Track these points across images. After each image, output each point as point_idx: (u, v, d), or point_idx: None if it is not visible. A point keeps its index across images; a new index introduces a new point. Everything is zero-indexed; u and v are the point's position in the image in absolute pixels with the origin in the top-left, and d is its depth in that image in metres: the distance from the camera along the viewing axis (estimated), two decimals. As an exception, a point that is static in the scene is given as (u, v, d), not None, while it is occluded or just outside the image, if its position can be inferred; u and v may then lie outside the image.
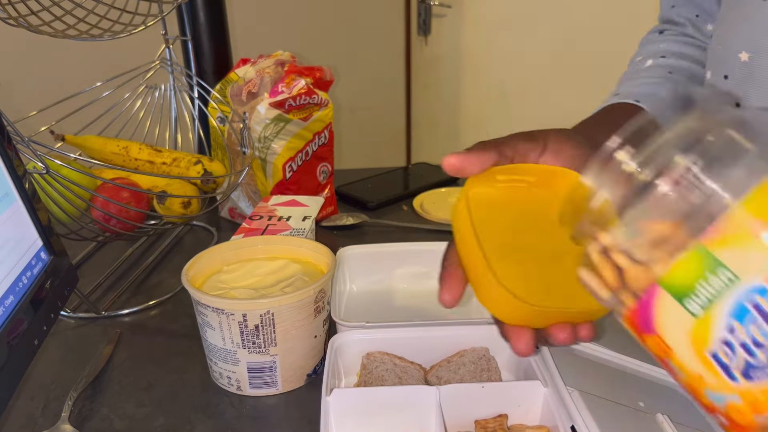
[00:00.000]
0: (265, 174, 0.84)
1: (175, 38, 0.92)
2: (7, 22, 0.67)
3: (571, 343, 0.35)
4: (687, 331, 0.27)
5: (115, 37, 0.78)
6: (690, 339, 0.27)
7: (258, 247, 0.62)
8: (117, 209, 0.71)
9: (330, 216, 0.90)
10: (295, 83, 0.81)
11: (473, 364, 0.53)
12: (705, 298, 0.26)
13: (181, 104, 0.94)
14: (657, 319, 0.28)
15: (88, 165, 0.80)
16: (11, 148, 0.48)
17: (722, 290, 0.25)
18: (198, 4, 0.99)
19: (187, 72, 0.92)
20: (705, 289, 0.26)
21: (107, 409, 0.54)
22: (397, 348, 0.53)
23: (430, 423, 0.46)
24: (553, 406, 0.44)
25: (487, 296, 0.35)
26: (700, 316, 0.26)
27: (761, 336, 0.24)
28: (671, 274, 0.27)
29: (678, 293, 0.26)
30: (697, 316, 0.26)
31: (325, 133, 0.86)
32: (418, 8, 2.24)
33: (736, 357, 0.25)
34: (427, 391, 0.46)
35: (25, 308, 0.44)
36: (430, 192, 0.99)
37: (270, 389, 0.55)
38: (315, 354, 0.56)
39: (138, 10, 0.81)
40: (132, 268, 0.79)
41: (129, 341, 0.64)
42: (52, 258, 0.51)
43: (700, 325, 0.26)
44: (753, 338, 0.25)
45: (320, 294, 0.54)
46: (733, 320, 0.25)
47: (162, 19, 0.84)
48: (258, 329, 0.51)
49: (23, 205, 0.48)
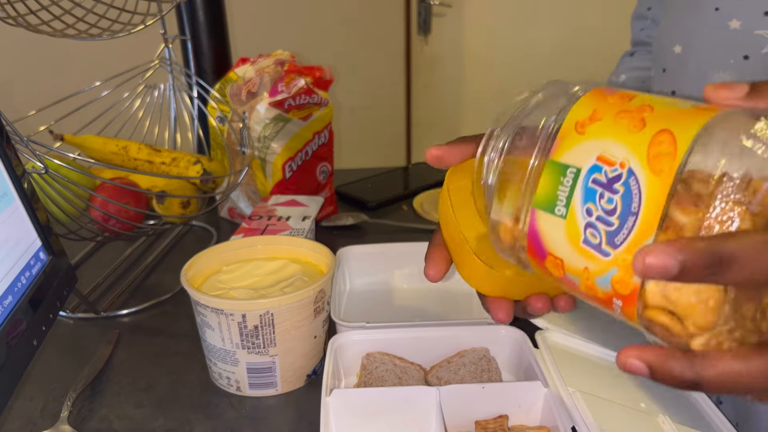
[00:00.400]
0: (264, 174, 0.84)
1: (174, 38, 0.91)
2: (6, 21, 0.67)
3: (547, 311, 0.39)
4: (563, 235, 0.30)
5: (114, 36, 0.78)
6: (567, 239, 0.30)
7: (257, 248, 0.62)
8: (116, 209, 0.71)
9: (330, 216, 0.90)
10: (295, 83, 0.80)
11: (473, 364, 0.52)
12: (564, 197, 0.30)
13: (181, 104, 0.93)
14: (543, 238, 0.31)
15: (87, 165, 0.80)
16: (10, 148, 0.48)
17: (572, 184, 0.30)
18: (197, 4, 0.98)
19: (186, 71, 0.92)
20: (562, 192, 0.30)
21: (106, 409, 0.54)
22: (397, 348, 0.53)
23: (430, 423, 0.46)
24: (554, 407, 0.44)
25: (468, 270, 0.39)
26: (567, 215, 0.30)
27: (608, 203, 0.28)
28: (539, 194, 0.31)
29: (547, 206, 0.31)
30: (564, 216, 0.30)
31: (324, 133, 0.86)
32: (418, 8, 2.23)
33: (599, 233, 0.29)
34: (427, 392, 0.46)
35: (24, 308, 0.44)
36: (430, 192, 0.99)
37: (269, 390, 0.54)
38: (315, 354, 0.56)
39: (137, 10, 0.80)
40: (131, 269, 0.79)
41: (128, 341, 0.63)
42: (51, 258, 0.51)
43: (570, 223, 0.30)
44: (604, 209, 0.29)
45: (320, 294, 0.54)
46: (588, 203, 0.29)
47: (161, 18, 0.84)
48: (257, 329, 0.51)
49: (22, 205, 0.48)
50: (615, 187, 0.28)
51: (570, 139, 0.30)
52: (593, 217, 0.29)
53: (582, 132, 0.30)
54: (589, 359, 0.52)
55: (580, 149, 0.30)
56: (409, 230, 0.87)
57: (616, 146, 0.28)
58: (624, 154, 0.28)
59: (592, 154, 0.29)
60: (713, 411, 0.48)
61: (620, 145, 0.28)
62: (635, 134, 0.28)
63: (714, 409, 0.48)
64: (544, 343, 0.51)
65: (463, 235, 0.38)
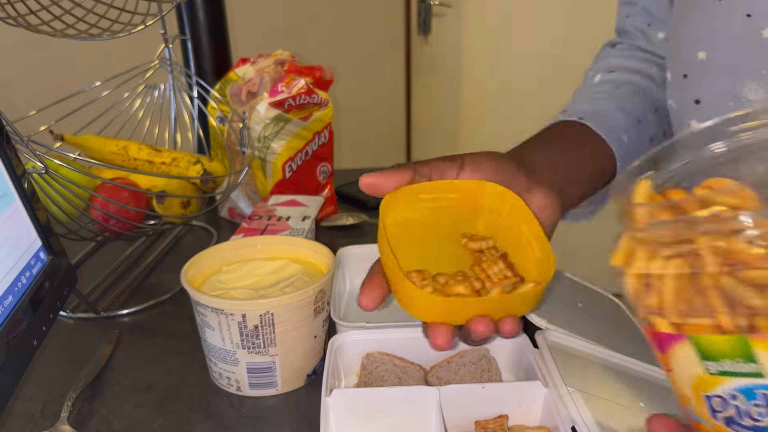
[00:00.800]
0: (264, 174, 0.84)
1: (174, 38, 0.92)
2: (6, 21, 0.67)
3: (490, 334, 0.38)
4: (694, 375, 0.30)
5: (115, 36, 0.78)
6: (694, 380, 0.30)
7: (257, 247, 0.62)
8: (116, 209, 0.71)
9: (330, 216, 0.90)
10: (295, 83, 0.80)
11: (473, 364, 0.53)
12: (725, 369, 0.29)
13: (181, 104, 0.93)
14: (672, 352, 0.31)
15: (88, 165, 0.80)
16: (10, 148, 0.48)
17: (743, 374, 0.28)
18: (197, 4, 0.99)
19: (186, 71, 0.92)
20: (729, 365, 0.29)
21: (106, 409, 0.54)
22: (397, 348, 0.53)
23: (430, 423, 0.46)
24: (554, 407, 0.44)
25: (405, 298, 0.40)
26: (713, 375, 0.29)
27: (757, 415, 0.28)
28: (706, 340, 0.29)
29: (703, 354, 0.30)
30: (710, 373, 0.29)
31: (324, 133, 0.86)
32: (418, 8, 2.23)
33: (726, 410, 0.29)
34: (427, 392, 0.46)
35: (24, 308, 0.44)
36: (430, 192, 0.99)
37: (269, 390, 0.54)
38: (315, 354, 0.56)
39: (137, 10, 0.80)
40: (131, 269, 0.79)
41: (128, 341, 0.63)
42: (51, 258, 0.51)
43: (709, 379, 0.30)
44: (748, 412, 0.28)
45: (320, 294, 0.54)
46: (740, 393, 0.29)
47: (161, 18, 0.84)
48: (257, 329, 0.51)
49: (22, 205, 0.48)
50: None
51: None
52: (733, 401, 0.29)
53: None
54: (589, 359, 0.52)
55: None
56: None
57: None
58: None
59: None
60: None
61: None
62: None
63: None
64: (544, 343, 0.51)
65: (399, 266, 0.39)
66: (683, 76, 0.52)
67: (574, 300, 0.61)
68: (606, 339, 0.55)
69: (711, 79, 0.49)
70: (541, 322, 0.53)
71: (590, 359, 0.52)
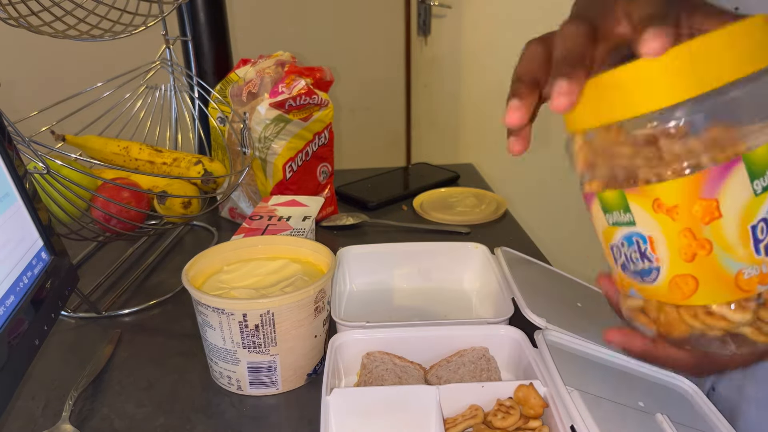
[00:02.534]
0: (265, 174, 0.84)
1: (175, 38, 0.92)
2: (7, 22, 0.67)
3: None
4: (742, 205, 0.31)
5: (116, 37, 0.78)
6: (741, 211, 0.31)
7: (258, 247, 0.62)
8: (117, 209, 0.71)
9: (330, 216, 0.90)
10: (295, 83, 0.81)
11: (473, 363, 0.53)
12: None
13: (182, 104, 0.94)
14: (724, 187, 0.31)
15: (89, 165, 0.81)
16: (12, 148, 0.48)
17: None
18: (198, 5, 0.99)
19: (187, 72, 0.92)
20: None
21: (107, 408, 0.54)
22: (397, 348, 0.53)
23: (430, 422, 0.46)
24: (553, 406, 0.44)
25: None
26: (758, 195, 0.31)
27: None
28: (758, 153, 0.31)
29: (753, 171, 0.31)
30: (756, 194, 0.31)
31: (325, 134, 0.87)
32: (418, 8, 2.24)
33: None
34: (427, 391, 0.46)
35: (26, 308, 0.44)
36: (430, 192, 0.99)
37: (270, 389, 0.55)
38: (315, 354, 0.56)
39: (138, 11, 0.81)
40: (132, 268, 0.79)
41: (129, 341, 0.64)
42: (53, 258, 0.51)
43: (755, 203, 0.31)
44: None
45: (320, 294, 0.54)
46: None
47: (162, 19, 0.84)
48: (258, 329, 0.51)
49: (24, 205, 0.48)
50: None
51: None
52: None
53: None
54: (588, 359, 0.52)
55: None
56: (409, 230, 0.87)
57: None
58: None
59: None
60: (712, 410, 0.48)
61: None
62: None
63: (713, 408, 0.48)
64: (543, 342, 0.51)
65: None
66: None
67: (574, 300, 0.61)
68: (605, 338, 0.55)
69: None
70: (541, 321, 0.53)
71: (590, 359, 0.52)
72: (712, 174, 0.31)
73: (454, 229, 0.86)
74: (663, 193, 0.32)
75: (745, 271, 0.32)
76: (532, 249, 0.80)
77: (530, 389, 0.46)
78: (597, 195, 0.35)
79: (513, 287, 0.58)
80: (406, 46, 2.34)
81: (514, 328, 0.54)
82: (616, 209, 0.34)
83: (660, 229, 0.33)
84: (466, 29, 2.14)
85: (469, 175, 1.09)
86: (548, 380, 0.47)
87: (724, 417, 0.47)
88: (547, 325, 0.53)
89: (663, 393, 0.50)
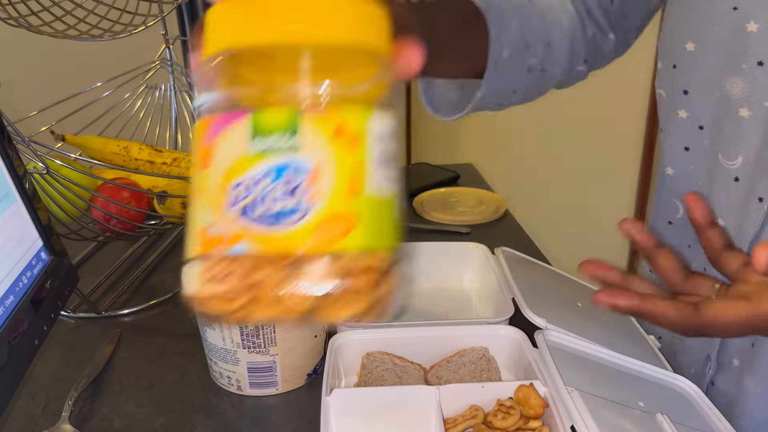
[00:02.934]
0: (265, 174, 0.84)
1: (175, 38, 0.92)
2: (7, 22, 0.67)
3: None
4: (232, 161, 0.28)
5: (116, 37, 0.78)
6: (228, 169, 0.28)
7: (258, 247, 0.62)
8: (117, 209, 0.71)
9: (330, 216, 0.90)
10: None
11: (473, 363, 0.53)
12: (269, 146, 0.28)
13: (182, 104, 0.94)
14: (224, 134, 0.29)
15: (89, 165, 0.81)
16: (11, 148, 0.48)
17: (282, 150, 0.28)
18: (198, 4, 0.99)
19: (187, 72, 0.92)
20: (273, 140, 0.28)
21: (107, 408, 0.54)
22: (397, 348, 0.53)
23: (430, 423, 0.46)
24: (553, 406, 0.44)
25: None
26: (252, 156, 0.28)
27: (279, 195, 0.27)
28: (267, 113, 0.28)
29: (256, 130, 0.28)
30: (248, 155, 0.28)
31: (325, 133, 0.86)
32: (418, 8, 2.23)
33: (246, 198, 0.28)
34: (427, 391, 0.46)
35: (26, 308, 0.44)
36: (430, 192, 0.99)
37: (270, 389, 0.55)
38: (315, 353, 0.56)
39: (138, 11, 0.81)
40: (132, 268, 0.79)
41: (129, 341, 0.64)
42: (53, 258, 0.51)
43: (246, 162, 0.28)
44: (268, 194, 0.27)
45: (320, 294, 0.54)
46: (272, 173, 0.27)
47: (162, 19, 0.84)
48: (258, 329, 0.51)
49: (23, 205, 0.48)
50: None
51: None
52: (256, 186, 0.28)
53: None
54: (588, 359, 0.52)
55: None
56: (409, 230, 0.87)
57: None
58: None
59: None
60: (712, 410, 0.48)
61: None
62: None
63: (713, 408, 0.48)
64: (543, 342, 0.51)
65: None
66: (673, 66, 0.52)
67: (574, 300, 0.61)
68: (606, 339, 0.55)
69: (699, 70, 0.49)
70: (541, 321, 0.53)
71: (590, 359, 0.52)
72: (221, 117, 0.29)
73: (454, 229, 0.86)
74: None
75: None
76: (532, 249, 0.80)
77: (530, 389, 0.46)
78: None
79: (513, 287, 0.58)
80: (406, 46, 2.33)
81: (514, 328, 0.54)
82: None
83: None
84: (466, 29, 2.13)
85: (469, 175, 1.09)
86: (548, 380, 0.47)
87: (724, 412, 0.47)
88: (547, 325, 0.53)
89: (663, 393, 0.50)
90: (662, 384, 0.51)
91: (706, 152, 0.51)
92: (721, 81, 0.48)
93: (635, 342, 0.57)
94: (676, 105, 0.52)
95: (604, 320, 0.60)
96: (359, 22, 0.30)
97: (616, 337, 0.57)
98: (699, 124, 0.51)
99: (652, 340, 0.58)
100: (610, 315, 0.63)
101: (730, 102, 0.47)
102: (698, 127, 0.51)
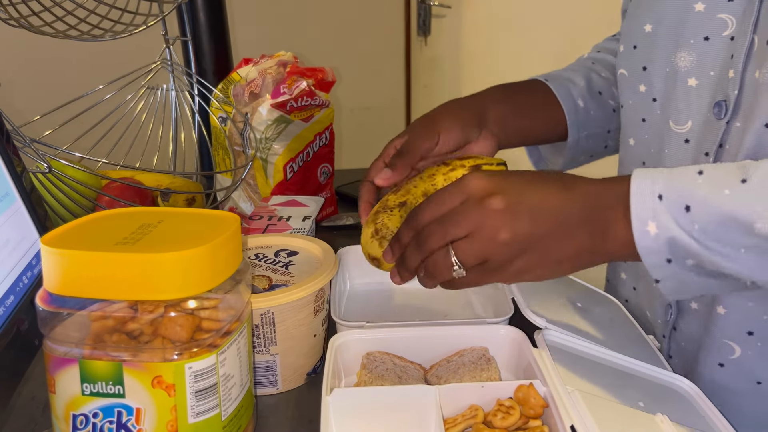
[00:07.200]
0: (265, 174, 0.84)
1: (175, 39, 0.92)
2: (8, 22, 0.67)
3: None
4: (72, 395, 0.38)
5: (116, 37, 0.78)
6: (70, 401, 0.38)
7: (258, 247, 0.62)
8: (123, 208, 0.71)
9: (330, 216, 0.90)
10: (297, 85, 0.81)
11: (473, 363, 0.53)
12: (98, 390, 0.38)
13: (183, 104, 0.94)
14: (61, 375, 0.38)
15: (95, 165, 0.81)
16: (10, 147, 0.48)
17: (110, 395, 0.37)
18: (198, 5, 0.99)
19: (187, 72, 0.92)
20: (101, 386, 0.38)
21: (108, 408, 0.54)
22: (397, 348, 0.53)
23: (430, 423, 0.46)
24: (553, 406, 0.45)
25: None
26: (86, 395, 0.38)
27: (107, 430, 0.38)
28: (89, 365, 0.37)
29: (84, 377, 0.38)
30: (84, 394, 0.38)
31: (326, 134, 0.87)
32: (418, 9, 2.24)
33: (86, 427, 0.38)
34: (426, 391, 0.46)
35: (26, 308, 0.44)
36: (430, 192, 0.99)
37: (270, 388, 0.55)
38: (315, 353, 0.56)
39: (139, 11, 0.81)
40: (132, 268, 0.79)
41: (129, 341, 0.64)
42: (53, 258, 0.51)
43: (81, 400, 0.38)
44: (102, 428, 0.38)
45: (319, 293, 0.54)
46: (101, 411, 0.37)
47: (162, 19, 0.85)
48: (258, 328, 0.52)
49: (23, 205, 0.48)
50: None
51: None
52: (93, 422, 0.39)
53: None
54: (588, 359, 0.52)
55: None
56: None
57: None
58: None
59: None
60: (712, 410, 0.48)
61: None
62: None
63: (713, 408, 0.48)
64: (543, 342, 0.51)
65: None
66: (633, 47, 0.58)
67: (574, 300, 0.61)
68: (605, 339, 0.55)
69: (655, 48, 0.55)
70: (541, 321, 0.53)
71: (590, 359, 0.52)
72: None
73: (454, 229, 0.86)
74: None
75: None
76: (532, 249, 0.80)
77: (530, 389, 0.46)
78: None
79: (513, 287, 0.58)
80: (406, 46, 2.34)
81: (514, 328, 0.54)
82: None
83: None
84: (466, 29, 2.14)
85: (469, 175, 1.09)
86: (548, 380, 0.47)
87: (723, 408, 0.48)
88: (547, 325, 0.53)
89: (663, 393, 0.50)
90: (662, 384, 0.51)
91: (657, 121, 0.56)
92: (671, 56, 0.53)
93: (635, 342, 0.57)
94: (636, 81, 0.58)
95: (604, 320, 0.60)
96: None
97: (616, 337, 0.57)
98: (653, 97, 0.56)
99: (651, 340, 0.58)
100: (610, 315, 0.63)
101: (679, 74, 0.53)
102: (652, 99, 0.56)
